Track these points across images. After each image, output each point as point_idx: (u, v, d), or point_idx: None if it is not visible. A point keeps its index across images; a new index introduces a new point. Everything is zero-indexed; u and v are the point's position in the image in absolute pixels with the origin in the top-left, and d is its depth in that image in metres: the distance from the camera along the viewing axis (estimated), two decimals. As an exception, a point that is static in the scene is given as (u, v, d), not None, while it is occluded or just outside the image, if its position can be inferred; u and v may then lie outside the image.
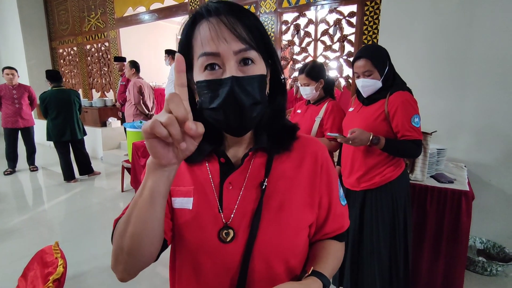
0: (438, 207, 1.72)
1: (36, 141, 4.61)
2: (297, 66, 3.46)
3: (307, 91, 1.88)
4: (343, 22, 3.10)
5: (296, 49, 3.48)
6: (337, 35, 3.17)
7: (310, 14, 3.30)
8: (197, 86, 0.52)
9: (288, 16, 3.48)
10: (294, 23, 3.42)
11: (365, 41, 2.94)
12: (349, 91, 3.23)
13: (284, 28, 3.50)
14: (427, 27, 2.33)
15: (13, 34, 6.41)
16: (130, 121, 4.00)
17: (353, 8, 3.00)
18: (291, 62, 3.53)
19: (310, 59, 3.34)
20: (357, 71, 1.46)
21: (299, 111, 2.04)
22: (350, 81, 3.10)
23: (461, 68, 2.23)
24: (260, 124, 0.57)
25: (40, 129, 5.42)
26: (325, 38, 3.26)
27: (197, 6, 4.16)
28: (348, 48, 3.14)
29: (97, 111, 5.39)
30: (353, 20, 3.02)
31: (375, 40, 2.85)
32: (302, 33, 3.39)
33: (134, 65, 4.10)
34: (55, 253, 0.96)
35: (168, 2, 4.52)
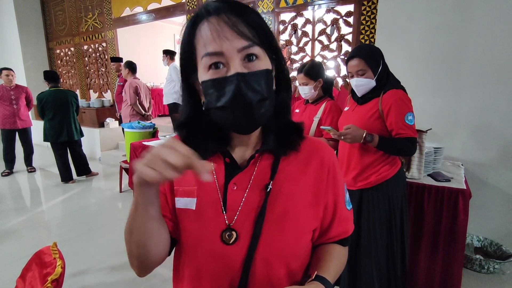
0: (435, 205, 1.72)
1: (33, 142, 4.59)
2: (295, 65, 3.47)
3: (306, 91, 1.88)
4: (340, 21, 3.12)
5: (294, 48, 3.49)
6: (335, 35, 3.19)
7: (308, 13, 3.31)
8: (202, 86, 0.51)
9: (286, 16, 3.49)
10: (292, 22, 3.43)
11: (362, 40, 2.95)
12: (347, 91, 3.24)
13: (281, 28, 3.50)
14: (423, 27, 2.35)
15: (10, 35, 6.37)
16: (126, 121, 3.97)
17: (350, 7, 3.01)
18: (288, 62, 3.53)
19: (308, 58, 3.35)
20: (351, 71, 1.47)
21: (297, 111, 2.04)
22: (348, 81, 3.11)
23: (458, 67, 2.24)
24: (267, 123, 0.56)
25: (37, 130, 5.39)
26: (323, 38, 3.28)
27: (194, 6, 4.16)
28: (345, 47, 3.16)
29: (95, 112, 5.38)
30: (350, 19, 3.04)
31: (372, 40, 2.87)
32: (299, 32, 3.40)
33: (130, 65, 4.07)
34: (53, 254, 0.96)
35: (166, 2, 4.51)
